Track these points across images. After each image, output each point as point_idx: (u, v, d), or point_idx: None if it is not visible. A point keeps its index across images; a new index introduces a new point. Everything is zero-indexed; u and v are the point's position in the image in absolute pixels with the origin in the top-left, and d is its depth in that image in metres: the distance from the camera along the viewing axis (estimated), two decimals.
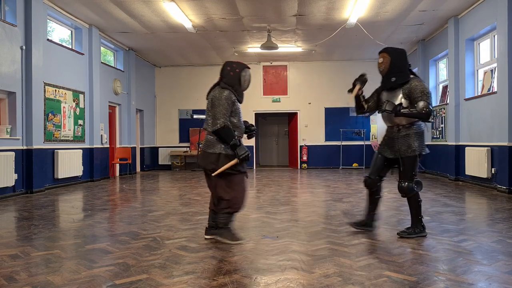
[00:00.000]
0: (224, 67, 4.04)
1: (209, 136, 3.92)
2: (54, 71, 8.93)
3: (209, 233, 4.02)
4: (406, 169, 4.10)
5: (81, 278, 2.90)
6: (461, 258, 3.31)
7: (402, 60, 4.17)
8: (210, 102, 3.91)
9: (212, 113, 3.86)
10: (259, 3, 8.79)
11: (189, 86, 15.20)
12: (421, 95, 3.99)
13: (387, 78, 4.19)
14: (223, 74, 4.00)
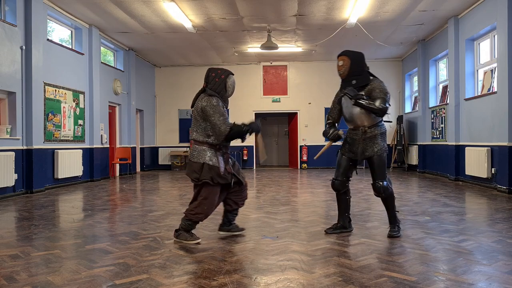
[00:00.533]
0: (208, 74, 4.01)
1: (196, 146, 3.94)
2: (54, 71, 8.93)
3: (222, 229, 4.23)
4: (379, 169, 4.09)
5: (81, 278, 2.90)
6: (461, 258, 3.31)
7: (361, 63, 4.16)
8: (201, 112, 3.87)
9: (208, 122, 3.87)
10: (259, 3, 8.79)
11: (189, 86, 15.19)
12: (380, 93, 4.03)
13: (348, 81, 4.17)
14: (207, 80, 3.98)
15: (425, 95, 11.95)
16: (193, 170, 3.90)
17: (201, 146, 3.92)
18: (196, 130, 3.94)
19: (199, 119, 3.90)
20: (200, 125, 3.91)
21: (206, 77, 4.01)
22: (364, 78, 4.13)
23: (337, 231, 4.27)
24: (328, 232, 4.26)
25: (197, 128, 3.93)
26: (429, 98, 11.83)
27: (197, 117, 3.92)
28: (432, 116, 11.44)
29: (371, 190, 7.95)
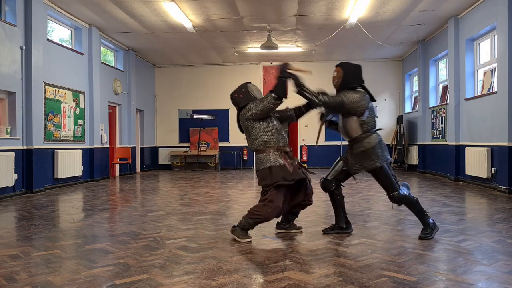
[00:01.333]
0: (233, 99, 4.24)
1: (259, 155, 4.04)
2: (54, 71, 8.93)
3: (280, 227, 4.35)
4: (383, 182, 4.01)
5: (81, 278, 2.90)
6: (461, 258, 3.31)
7: (355, 75, 4.16)
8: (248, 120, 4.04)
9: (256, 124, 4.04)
10: (259, 3, 8.79)
11: (189, 86, 15.21)
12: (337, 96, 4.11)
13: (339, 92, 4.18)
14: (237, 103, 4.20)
15: (425, 95, 11.95)
16: (262, 177, 3.99)
17: (262, 154, 4.02)
18: (252, 141, 4.06)
19: (251, 128, 4.06)
20: (254, 134, 4.05)
21: (235, 103, 4.23)
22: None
23: (334, 231, 4.26)
24: (325, 232, 4.26)
25: (253, 139, 4.06)
26: (429, 98, 11.83)
27: (249, 129, 4.07)
28: (432, 116, 11.44)
29: (371, 190, 7.96)
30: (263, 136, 4.03)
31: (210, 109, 15.02)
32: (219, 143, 15.09)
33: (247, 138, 4.16)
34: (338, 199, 4.28)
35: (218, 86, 15.15)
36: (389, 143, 14.51)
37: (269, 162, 3.96)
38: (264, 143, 4.02)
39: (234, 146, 15.14)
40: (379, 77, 14.62)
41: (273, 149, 4.00)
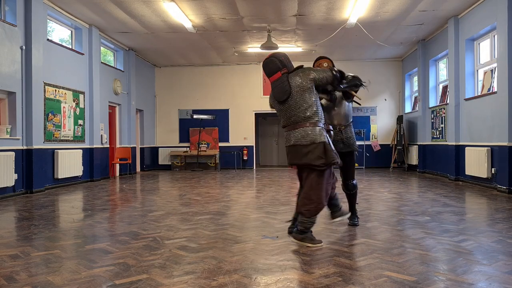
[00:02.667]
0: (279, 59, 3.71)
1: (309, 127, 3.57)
2: (54, 71, 8.93)
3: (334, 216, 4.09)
4: (352, 167, 4.52)
5: (81, 278, 2.90)
6: (461, 258, 3.31)
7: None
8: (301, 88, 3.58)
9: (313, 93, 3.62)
10: (259, 3, 8.79)
11: (189, 86, 15.21)
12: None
13: None
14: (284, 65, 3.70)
15: (425, 95, 11.95)
16: (317, 155, 3.51)
17: (314, 127, 3.57)
18: (306, 108, 3.58)
19: (309, 92, 3.59)
20: (310, 101, 3.59)
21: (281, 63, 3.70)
22: None
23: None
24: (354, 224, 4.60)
25: (308, 105, 3.58)
26: (429, 98, 11.83)
27: (299, 97, 3.59)
28: (432, 116, 11.44)
29: (371, 190, 7.96)
30: (319, 107, 3.63)
31: (210, 109, 15.02)
32: (219, 143, 15.09)
33: (295, 108, 3.61)
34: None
35: (218, 86, 15.15)
36: (389, 143, 14.52)
37: (323, 137, 3.55)
38: (319, 115, 3.61)
39: (234, 146, 15.13)
40: (379, 77, 14.61)
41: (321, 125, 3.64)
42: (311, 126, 3.59)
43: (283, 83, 3.64)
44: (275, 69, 3.70)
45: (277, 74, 3.68)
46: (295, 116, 3.63)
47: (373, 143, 14.61)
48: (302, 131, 3.60)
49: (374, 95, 14.66)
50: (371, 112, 14.71)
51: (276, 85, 3.71)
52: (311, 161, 3.54)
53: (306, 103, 3.60)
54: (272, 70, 3.71)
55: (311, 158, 3.54)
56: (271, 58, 3.73)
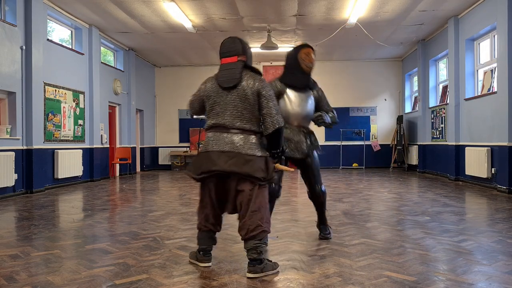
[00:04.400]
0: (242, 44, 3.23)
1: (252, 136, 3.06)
2: (54, 71, 8.93)
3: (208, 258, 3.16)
4: (317, 172, 3.96)
5: (81, 278, 2.90)
6: (461, 258, 3.31)
7: None
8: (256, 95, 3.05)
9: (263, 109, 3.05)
10: (259, 3, 8.79)
11: (189, 86, 15.12)
12: (329, 107, 4.09)
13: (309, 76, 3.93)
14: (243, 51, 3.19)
15: (425, 95, 11.95)
16: (259, 167, 2.95)
17: (250, 136, 3.06)
18: (249, 117, 3.06)
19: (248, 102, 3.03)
20: (253, 111, 3.06)
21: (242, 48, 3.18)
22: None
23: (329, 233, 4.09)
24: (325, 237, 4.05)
25: (250, 114, 3.06)
26: (429, 98, 11.83)
27: (245, 101, 3.03)
28: (432, 116, 11.44)
29: (371, 190, 7.96)
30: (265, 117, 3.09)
31: None
32: None
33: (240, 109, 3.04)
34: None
35: None
36: (389, 143, 14.52)
37: (264, 151, 3.07)
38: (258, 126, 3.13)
39: None
40: (379, 77, 14.62)
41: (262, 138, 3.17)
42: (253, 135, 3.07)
43: (235, 70, 3.09)
44: (234, 51, 3.16)
45: (233, 58, 3.14)
46: (239, 119, 3.04)
47: (373, 143, 14.61)
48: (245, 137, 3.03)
49: (374, 95, 14.67)
50: (371, 112, 14.71)
51: (226, 68, 3.14)
52: (253, 172, 2.93)
53: (246, 111, 3.05)
54: (230, 50, 3.17)
55: (253, 168, 2.95)
56: (235, 39, 3.23)
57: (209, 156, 3.02)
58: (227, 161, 2.96)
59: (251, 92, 3.04)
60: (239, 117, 3.05)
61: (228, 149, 2.99)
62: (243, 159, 2.95)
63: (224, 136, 3.04)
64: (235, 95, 3.05)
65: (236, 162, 2.95)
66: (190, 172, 3.15)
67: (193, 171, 3.11)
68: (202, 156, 3.09)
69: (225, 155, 2.98)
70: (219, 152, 3.00)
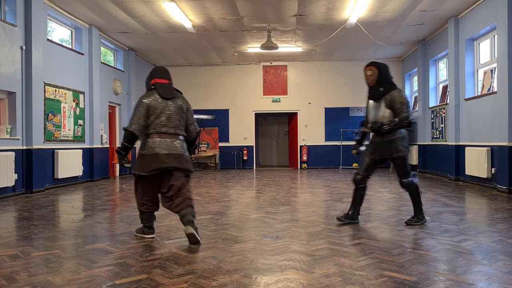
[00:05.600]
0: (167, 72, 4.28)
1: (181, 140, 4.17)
2: (54, 71, 8.93)
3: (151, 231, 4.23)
4: (399, 169, 4.62)
5: (81, 278, 2.90)
6: (461, 258, 3.31)
7: (387, 73, 4.67)
8: (186, 110, 4.19)
9: (186, 120, 4.22)
10: (259, 3, 8.79)
11: (189, 86, 15.20)
12: (401, 106, 4.50)
13: (376, 88, 4.64)
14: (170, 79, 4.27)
15: (425, 95, 11.95)
16: (190, 163, 4.19)
17: (183, 141, 4.21)
18: (180, 126, 4.15)
19: (180, 116, 4.13)
20: (182, 122, 4.16)
21: (168, 75, 4.26)
22: (390, 86, 4.60)
23: (346, 220, 4.71)
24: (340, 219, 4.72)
25: (180, 124, 4.14)
26: (429, 98, 11.84)
27: (181, 114, 4.14)
28: (432, 116, 11.44)
29: (371, 190, 7.96)
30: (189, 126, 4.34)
31: (210, 109, 15.02)
32: (219, 143, 15.09)
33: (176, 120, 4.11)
34: (362, 195, 4.80)
35: (218, 86, 15.15)
36: None
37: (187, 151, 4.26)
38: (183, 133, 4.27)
39: (234, 146, 15.14)
40: None
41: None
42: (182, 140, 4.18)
43: (170, 87, 4.19)
44: (166, 77, 4.22)
45: (165, 80, 4.19)
46: (178, 128, 4.12)
47: None
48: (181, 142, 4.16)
49: None
50: None
51: (162, 85, 4.15)
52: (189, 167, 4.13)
53: (181, 122, 4.15)
54: (164, 76, 4.22)
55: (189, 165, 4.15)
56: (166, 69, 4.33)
57: (158, 157, 3.98)
58: (174, 160, 4.01)
59: (185, 107, 4.19)
60: (178, 127, 4.13)
61: (174, 152, 4.04)
62: (183, 159, 4.09)
63: (170, 141, 4.06)
64: (175, 109, 4.09)
65: (180, 160, 4.05)
66: (139, 170, 4.05)
67: (142, 169, 4.03)
68: (150, 157, 4.01)
69: (172, 156, 4.02)
70: (168, 154, 4.01)
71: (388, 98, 4.53)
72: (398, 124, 4.47)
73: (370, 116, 4.74)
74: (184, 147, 4.16)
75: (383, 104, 4.57)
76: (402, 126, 4.49)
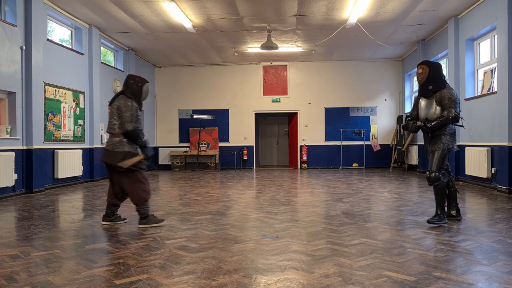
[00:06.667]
0: (127, 80, 4.79)
1: (115, 138, 4.62)
2: (54, 71, 8.94)
3: (105, 219, 4.87)
4: (434, 161, 4.70)
5: (81, 278, 2.90)
6: (461, 258, 3.31)
7: (438, 72, 4.75)
8: (116, 109, 4.67)
9: (120, 119, 4.63)
10: (259, 3, 8.80)
11: (189, 86, 15.21)
12: (449, 102, 4.59)
13: (425, 86, 4.76)
14: (127, 85, 4.76)
15: None
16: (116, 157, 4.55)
17: (119, 138, 4.61)
18: (112, 126, 4.67)
19: (117, 116, 4.65)
20: (115, 122, 4.66)
21: (126, 83, 4.79)
22: (440, 84, 4.70)
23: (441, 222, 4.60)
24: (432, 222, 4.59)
25: (112, 124, 4.67)
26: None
27: (115, 113, 4.68)
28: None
29: (371, 190, 7.96)
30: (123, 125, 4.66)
31: (210, 109, 15.03)
32: (219, 143, 15.10)
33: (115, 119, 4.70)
34: (452, 190, 4.85)
35: (218, 86, 15.15)
36: (389, 143, 14.52)
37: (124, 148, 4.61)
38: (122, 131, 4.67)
39: (234, 146, 15.14)
40: (379, 77, 14.62)
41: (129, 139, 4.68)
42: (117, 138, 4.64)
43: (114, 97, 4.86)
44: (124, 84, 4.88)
45: (123, 88, 4.83)
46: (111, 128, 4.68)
47: (373, 143, 14.61)
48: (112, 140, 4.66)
49: (374, 95, 14.67)
50: (371, 112, 14.72)
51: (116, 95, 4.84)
52: (112, 162, 4.57)
53: (113, 122, 4.68)
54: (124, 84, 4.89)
55: (112, 160, 4.57)
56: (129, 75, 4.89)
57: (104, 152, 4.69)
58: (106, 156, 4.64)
59: (116, 107, 4.71)
60: (111, 126, 4.68)
61: (107, 148, 4.66)
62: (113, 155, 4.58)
63: (109, 139, 4.71)
64: (111, 111, 4.76)
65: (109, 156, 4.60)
66: None
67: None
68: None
69: (105, 151, 4.66)
70: (105, 149, 4.68)
71: (438, 95, 4.64)
72: (444, 120, 4.55)
73: (421, 113, 4.85)
74: (117, 145, 4.58)
75: (434, 102, 4.69)
76: (448, 122, 4.56)
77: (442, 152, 4.67)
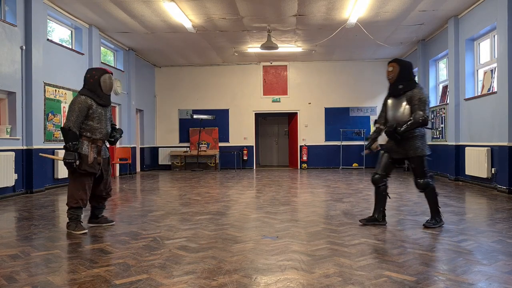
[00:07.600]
0: (85, 75, 4.56)
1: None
2: (54, 71, 8.93)
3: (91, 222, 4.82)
4: (417, 168, 4.52)
5: (81, 278, 2.90)
6: (461, 258, 3.31)
7: (408, 71, 4.60)
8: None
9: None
10: (259, 3, 8.79)
11: (189, 86, 15.21)
12: (419, 103, 4.43)
13: (395, 85, 4.60)
14: (84, 81, 4.53)
15: None
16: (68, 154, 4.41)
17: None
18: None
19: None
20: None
21: (84, 78, 4.56)
22: (411, 84, 4.54)
23: (369, 222, 4.62)
24: (363, 223, 4.63)
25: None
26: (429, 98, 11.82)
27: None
28: (432, 116, 11.44)
29: (371, 190, 7.96)
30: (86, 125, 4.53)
31: (210, 109, 15.03)
32: (219, 143, 15.10)
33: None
34: (383, 195, 4.67)
35: (218, 86, 15.15)
36: None
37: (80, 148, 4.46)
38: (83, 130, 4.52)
39: (234, 146, 15.14)
40: (379, 77, 14.61)
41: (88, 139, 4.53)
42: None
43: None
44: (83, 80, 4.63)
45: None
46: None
47: None
48: None
49: (374, 95, 14.67)
50: (371, 112, 14.72)
51: None
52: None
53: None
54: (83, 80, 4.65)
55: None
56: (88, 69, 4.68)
57: None
58: None
59: None
60: None
61: None
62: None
63: None
64: None
65: None
66: None
67: None
68: None
69: None
70: None
71: (409, 94, 4.47)
72: (414, 124, 4.36)
73: (389, 113, 4.67)
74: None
75: (404, 101, 4.52)
76: (418, 125, 4.38)
77: (422, 158, 4.52)
